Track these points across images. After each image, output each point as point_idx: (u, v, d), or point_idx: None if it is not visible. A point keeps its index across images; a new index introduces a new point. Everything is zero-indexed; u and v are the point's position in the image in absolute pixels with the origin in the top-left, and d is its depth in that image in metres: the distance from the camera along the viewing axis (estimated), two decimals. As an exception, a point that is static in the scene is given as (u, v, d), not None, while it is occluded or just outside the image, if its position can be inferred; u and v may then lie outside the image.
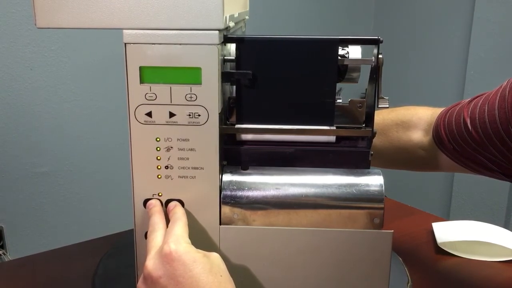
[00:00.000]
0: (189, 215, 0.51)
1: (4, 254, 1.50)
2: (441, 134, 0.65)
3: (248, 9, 0.72)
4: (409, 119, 0.71)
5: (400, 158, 0.72)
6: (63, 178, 1.56)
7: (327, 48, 0.51)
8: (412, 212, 0.94)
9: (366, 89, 0.54)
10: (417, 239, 0.82)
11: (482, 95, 0.63)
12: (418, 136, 0.70)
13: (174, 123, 0.49)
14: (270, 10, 1.82)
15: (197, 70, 0.48)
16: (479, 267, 0.75)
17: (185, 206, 0.51)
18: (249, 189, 0.52)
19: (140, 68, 0.48)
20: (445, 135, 0.64)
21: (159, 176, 0.51)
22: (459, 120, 0.62)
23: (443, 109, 0.69)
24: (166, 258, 0.44)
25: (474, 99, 0.64)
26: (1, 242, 1.50)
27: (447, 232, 0.81)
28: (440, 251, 0.78)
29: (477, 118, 0.60)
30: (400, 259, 0.72)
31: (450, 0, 1.86)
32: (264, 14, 1.80)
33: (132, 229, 0.53)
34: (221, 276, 0.45)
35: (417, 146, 0.70)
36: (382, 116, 0.72)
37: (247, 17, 0.70)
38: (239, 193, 0.52)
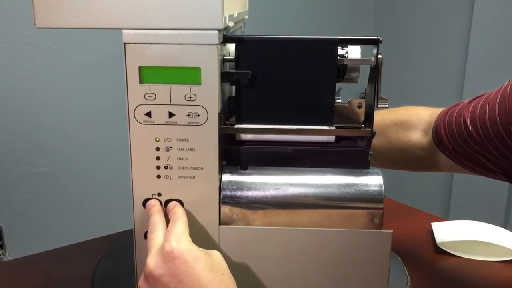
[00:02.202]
0: (188, 215, 0.51)
1: (4, 254, 1.50)
2: (440, 134, 0.65)
3: (247, 9, 0.72)
4: (408, 119, 0.70)
5: (399, 159, 0.72)
6: (63, 178, 1.56)
7: (326, 48, 0.51)
8: (412, 212, 0.94)
9: (365, 89, 0.54)
10: (417, 239, 0.82)
11: (482, 95, 0.63)
12: (418, 136, 0.70)
13: (174, 123, 0.49)
14: (269, 10, 1.83)
15: (197, 70, 0.48)
16: (478, 267, 0.75)
17: (185, 206, 0.51)
18: (249, 189, 0.52)
19: (140, 68, 0.48)
20: (444, 135, 0.64)
21: (159, 176, 0.51)
22: (459, 120, 0.62)
23: (442, 109, 0.68)
24: (167, 256, 0.44)
25: (474, 99, 0.64)
26: (1, 242, 1.50)
27: (446, 232, 0.81)
28: (439, 251, 0.78)
29: (478, 118, 0.60)
30: (400, 259, 0.72)
31: (449, 0, 1.86)
32: (264, 14, 1.80)
33: (132, 229, 0.53)
34: (222, 274, 0.45)
35: (417, 146, 0.70)
36: (381, 116, 0.72)
37: (246, 17, 0.70)
38: (239, 193, 0.52)
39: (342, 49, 0.53)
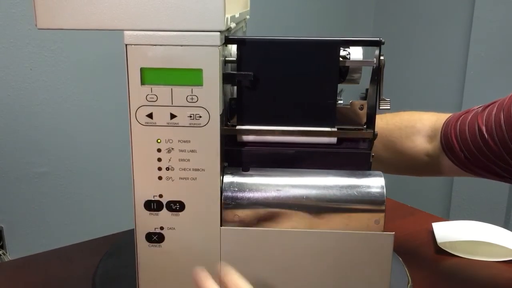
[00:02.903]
0: (189, 216, 0.51)
1: (4, 254, 1.50)
2: (451, 142, 0.64)
3: (248, 9, 0.72)
4: (413, 125, 0.70)
5: (404, 164, 0.72)
6: (63, 178, 1.56)
7: (328, 50, 0.51)
8: (412, 212, 0.94)
9: (366, 89, 0.54)
10: (417, 239, 0.82)
11: (495, 102, 0.62)
12: (422, 142, 0.69)
13: (175, 125, 0.49)
14: (270, 9, 1.82)
15: (198, 71, 0.48)
16: (479, 267, 0.75)
17: (186, 207, 0.51)
18: (250, 190, 0.52)
19: (141, 69, 0.48)
20: (456, 143, 0.63)
21: (160, 178, 0.51)
22: (473, 128, 0.62)
23: (449, 115, 0.68)
24: None
25: (487, 106, 0.63)
26: (1, 242, 1.50)
27: (447, 232, 0.81)
28: (440, 251, 0.78)
29: (493, 126, 0.59)
30: (401, 259, 0.72)
31: (450, 0, 1.86)
32: (265, 13, 1.79)
33: (132, 229, 0.53)
34: None
35: (421, 152, 0.69)
36: (386, 120, 0.71)
37: (248, 17, 0.70)
38: (240, 194, 0.52)
39: (344, 50, 0.53)
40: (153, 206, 0.52)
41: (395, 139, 0.70)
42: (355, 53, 0.53)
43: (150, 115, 0.49)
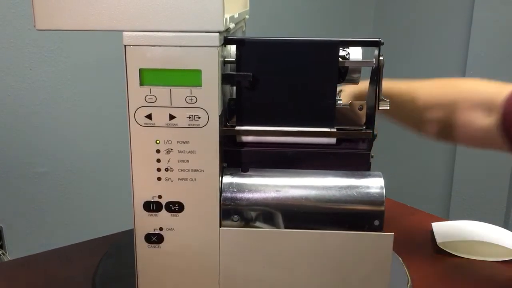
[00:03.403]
0: (189, 217, 0.51)
1: (4, 254, 1.50)
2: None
3: (248, 8, 0.72)
4: (472, 97, 0.68)
5: (462, 135, 0.70)
6: (63, 178, 1.56)
7: (327, 50, 0.51)
8: (412, 212, 0.94)
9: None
10: (417, 239, 0.82)
11: None
12: (479, 116, 0.67)
13: (174, 126, 0.49)
14: (270, 9, 1.82)
15: (197, 72, 0.48)
16: (479, 267, 0.75)
17: (185, 208, 0.51)
18: (249, 191, 0.52)
19: (140, 70, 0.48)
20: None
21: (159, 178, 0.51)
22: None
23: (509, 93, 0.65)
24: None
25: None
26: (1, 242, 1.50)
27: (447, 232, 0.81)
28: (439, 251, 0.78)
29: None
30: (401, 259, 0.72)
31: (450, 0, 1.86)
32: (264, 12, 1.79)
33: (131, 229, 0.53)
34: None
35: (478, 126, 0.67)
36: (442, 90, 0.71)
37: (247, 16, 0.70)
38: (239, 195, 0.52)
39: (343, 50, 0.53)
40: (152, 207, 0.52)
41: (454, 112, 0.68)
42: (355, 53, 0.53)
43: (149, 116, 0.49)
